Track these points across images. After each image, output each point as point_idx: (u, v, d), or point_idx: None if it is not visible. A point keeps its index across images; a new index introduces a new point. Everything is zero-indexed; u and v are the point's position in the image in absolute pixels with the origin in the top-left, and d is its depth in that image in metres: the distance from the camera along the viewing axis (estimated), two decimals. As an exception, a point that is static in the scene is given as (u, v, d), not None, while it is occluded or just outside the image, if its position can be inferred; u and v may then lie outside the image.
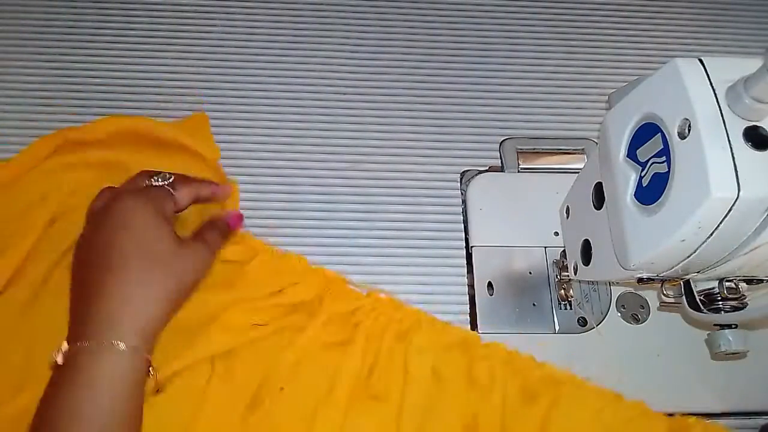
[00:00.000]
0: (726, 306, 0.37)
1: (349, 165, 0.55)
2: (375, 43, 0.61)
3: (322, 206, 0.53)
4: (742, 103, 0.30)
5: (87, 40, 0.58)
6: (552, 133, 0.58)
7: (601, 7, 0.65)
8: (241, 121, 0.56)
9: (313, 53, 0.60)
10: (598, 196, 0.41)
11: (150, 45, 0.59)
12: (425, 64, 0.60)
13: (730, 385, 0.48)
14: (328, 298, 0.47)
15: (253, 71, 0.58)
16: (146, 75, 0.57)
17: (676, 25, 0.64)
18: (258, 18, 0.61)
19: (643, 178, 0.35)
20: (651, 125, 0.34)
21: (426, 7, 0.63)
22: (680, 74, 0.32)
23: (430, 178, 0.55)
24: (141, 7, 0.60)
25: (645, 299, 0.50)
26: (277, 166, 0.55)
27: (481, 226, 0.52)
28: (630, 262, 0.36)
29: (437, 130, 0.57)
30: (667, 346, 0.49)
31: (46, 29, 0.58)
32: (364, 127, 0.57)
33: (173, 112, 0.56)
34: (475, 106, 0.59)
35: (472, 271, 0.51)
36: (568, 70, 0.61)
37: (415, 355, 0.45)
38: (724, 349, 0.39)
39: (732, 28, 0.65)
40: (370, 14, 0.62)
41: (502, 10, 0.64)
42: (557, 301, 0.50)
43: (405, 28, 0.62)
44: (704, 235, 0.31)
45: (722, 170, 0.29)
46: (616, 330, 0.49)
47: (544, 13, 0.64)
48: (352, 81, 0.59)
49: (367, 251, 0.52)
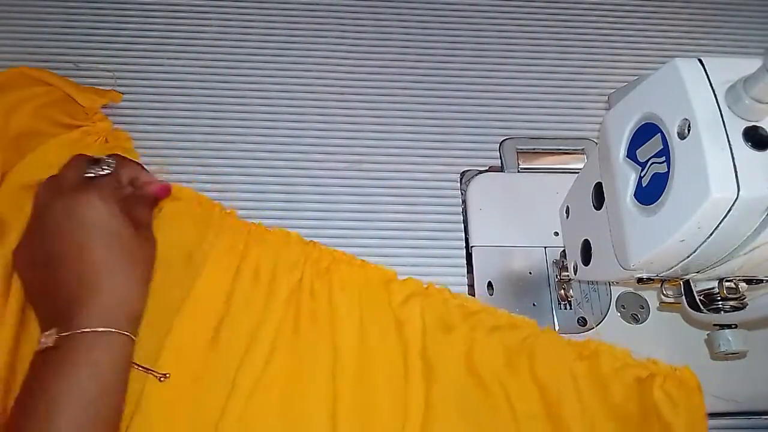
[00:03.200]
0: (726, 306, 0.37)
1: (347, 165, 0.55)
2: (371, 43, 0.61)
3: (321, 206, 0.53)
4: (742, 103, 0.30)
5: (81, 40, 0.58)
6: (552, 133, 0.58)
7: (598, 7, 0.65)
8: (237, 122, 0.56)
9: (308, 53, 0.60)
10: (597, 196, 0.41)
11: (144, 45, 0.59)
12: (422, 63, 0.60)
13: (730, 385, 0.48)
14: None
15: (248, 71, 0.58)
16: (140, 75, 0.57)
17: (673, 24, 0.64)
18: (253, 17, 0.61)
19: (642, 178, 0.35)
20: (651, 125, 0.34)
21: (422, 7, 0.63)
22: (680, 74, 0.32)
23: (429, 178, 0.55)
24: (134, 6, 0.60)
25: (645, 299, 0.50)
26: (275, 166, 0.55)
27: (481, 226, 0.52)
28: (630, 262, 0.36)
29: (437, 130, 0.57)
30: (667, 346, 0.48)
31: (40, 29, 0.58)
32: (363, 127, 0.57)
33: (168, 112, 0.56)
34: (475, 106, 0.59)
35: (472, 271, 0.51)
36: (568, 70, 0.61)
37: (338, 292, 0.47)
38: (724, 349, 0.39)
39: (728, 27, 0.65)
40: (366, 14, 0.62)
41: (498, 10, 0.64)
42: (557, 301, 0.50)
43: (401, 28, 0.62)
44: (704, 235, 0.31)
45: (722, 170, 0.29)
46: (616, 330, 0.49)
47: (541, 13, 0.64)
48: (349, 81, 0.59)
49: (367, 251, 0.52)
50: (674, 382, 0.44)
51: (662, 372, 0.45)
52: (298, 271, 0.48)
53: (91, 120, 0.52)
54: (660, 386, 0.44)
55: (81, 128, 0.52)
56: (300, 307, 0.47)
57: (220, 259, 0.47)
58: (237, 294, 0.47)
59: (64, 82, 0.53)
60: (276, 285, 0.47)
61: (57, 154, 0.49)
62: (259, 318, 0.46)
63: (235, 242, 0.48)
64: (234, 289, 0.47)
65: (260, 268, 0.48)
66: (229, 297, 0.46)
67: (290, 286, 0.47)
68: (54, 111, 0.52)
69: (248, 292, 0.47)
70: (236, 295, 0.47)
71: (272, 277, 0.47)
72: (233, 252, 0.48)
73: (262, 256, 0.48)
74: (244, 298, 0.47)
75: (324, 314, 0.47)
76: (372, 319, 0.47)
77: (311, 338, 0.46)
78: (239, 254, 0.48)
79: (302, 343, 0.46)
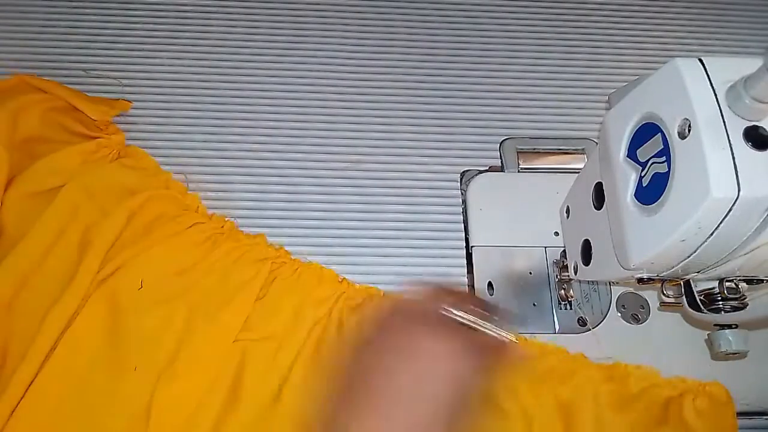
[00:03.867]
0: (726, 306, 0.37)
1: (349, 165, 0.55)
2: (375, 43, 0.61)
3: (323, 206, 0.53)
4: (742, 103, 0.30)
5: (87, 41, 0.58)
6: (552, 133, 0.58)
7: (602, 7, 0.65)
8: (241, 121, 0.56)
9: (313, 53, 0.60)
10: (598, 196, 0.41)
11: (150, 45, 0.59)
12: (425, 64, 0.60)
13: (730, 385, 0.47)
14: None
15: (252, 71, 0.59)
16: (146, 75, 0.57)
17: (677, 24, 0.64)
18: (258, 18, 0.61)
19: (643, 178, 0.35)
20: (651, 125, 0.34)
21: (426, 7, 0.63)
22: (680, 74, 0.32)
23: (430, 178, 0.55)
24: (141, 7, 0.60)
25: (645, 299, 0.50)
26: (278, 166, 0.55)
27: (481, 226, 0.52)
28: (630, 262, 0.35)
29: (438, 130, 0.57)
30: (667, 346, 0.48)
31: (47, 30, 0.58)
32: (365, 127, 0.57)
33: (173, 112, 0.56)
34: (476, 106, 0.59)
35: (472, 271, 0.51)
36: (568, 70, 0.61)
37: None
38: (724, 349, 0.39)
39: (732, 27, 0.65)
40: (371, 14, 0.62)
41: (502, 10, 0.64)
42: (557, 301, 0.50)
43: (405, 28, 0.62)
44: (704, 235, 0.31)
45: (722, 170, 0.29)
46: (616, 330, 0.49)
47: (544, 13, 0.64)
48: (353, 81, 0.59)
49: (368, 251, 0.52)
50: (705, 398, 0.44)
51: (691, 389, 0.44)
52: (326, 307, 0.47)
53: (105, 132, 0.52)
54: (691, 405, 0.43)
55: (96, 140, 0.51)
56: (324, 335, 0.46)
57: (249, 292, 0.47)
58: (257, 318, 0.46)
59: (73, 94, 0.52)
60: (302, 317, 0.46)
61: (68, 163, 0.49)
62: (281, 343, 0.45)
63: (262, 271, 0.48)
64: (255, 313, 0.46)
65: (286, 301, 0.47)
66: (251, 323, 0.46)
67: (316, 319, 0.46)
68: (64, 117, 0.51)
69: (269, 319, 0.46)
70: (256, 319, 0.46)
71: (299, 309, 0.47)
72: (257, 281, 0.47)
73: (290, 291, 0.47)
74: (265, 323, 0.46)
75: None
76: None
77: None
78: (263, 283, 0.47)
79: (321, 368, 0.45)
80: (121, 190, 0.49)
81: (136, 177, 0.50)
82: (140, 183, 0.50)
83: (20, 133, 0.49)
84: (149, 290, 0.46)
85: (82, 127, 0.51)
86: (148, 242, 0.47)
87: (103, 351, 0.44)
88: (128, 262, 0.46)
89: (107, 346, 0.44)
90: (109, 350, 0.44)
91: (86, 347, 0.44)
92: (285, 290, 0.47)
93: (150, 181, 0.50)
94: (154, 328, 0.45)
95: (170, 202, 0.50)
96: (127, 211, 0.48)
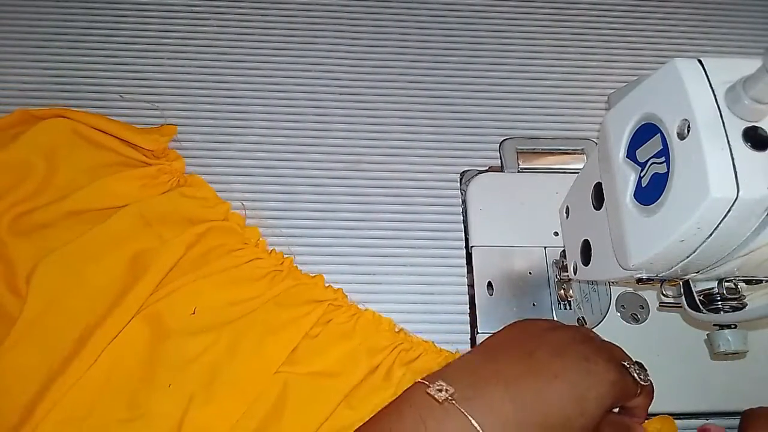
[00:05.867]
0: (725, 306, 0.37)
1: (345, 165, 0.55)
2: (369, 43, 0.61)
3: (319, 206, 0.53)
4: (742, 103, 0.30)
5: (76, 40, 0.58)
6: (552, 133, 0.58)
7: (594, 7, 0.65)
8: (234, 122, 0.56)
9: (305, 53, 0.60)
10: (597, 196, 0.41)
11: (140, 45, 0.59)
12: (420, 63, 0.60)
13: (730, 385, 0.48)
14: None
15: (245, 71, 0.58)
16: (136, 75, 0.57)
17: (670, 24, 0.65)
18: (249, 18, 0.61)
19: (642, 178, 0.35)
20: (650, 125, 0.34)
21: (419, 7, 0.63)
22: (679, 75, 0.32)
23: (429, 179, 0.55)
24: (130, 6, 0.60)
25: (645, 299, 0.50)
26: (272, 167, 0.55)
27: (480, 226, 0.52)
28: (629, 262, 0.35)
29: (437, 130, 0.57)
30: (667, 346, 0.48)
31: (35, 29, 0.58)
32: (361, 128, 0.57)
33: (165, 113, 0.56)
34: (475, 106, 0.59)
35: (471, 271, 0.51)
36: (565, 70, 0.61)
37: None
38: (724, 349, 0.39)
39: (725, 27, 0.65)
40: (363, 14, 0.62)
41: (494, 10, 0.64)
42: (557, 301, 0.50)
43: (398, 28, 0.62)
44: (703, 235, 0.31)
45: (721, 171, 0.29)
46: (616, 330, 0.49)
47: (537, 13, 0.64)
48: (346, 81, 0.59)
49: (366, 251, 0.52)
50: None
51: None
52: (381, 356, 0.46)
53: (166, 157, 0.52)
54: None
55: (156, 166, 0.51)
56: (370, 381, 0.45)
57: (299, 327, 0.46)
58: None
59: (123, 128, 0.51)
60: (354, 361, 0.46)
61: (128, 186, 0.49)
62: (328, 382, 0.45)
63: (316, 310, 0.47)
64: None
65: (339, 344, 0.46)
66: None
67: (370, 367, 0.46)
68: (118, 143, 0.51)
69: (318, 357, 0.46)
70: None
71: (352, 354, 0.46)
72: (310, 318, 0.47)
73: (345, 335, 0.47)
74: (313, 360, 0.46)
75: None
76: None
77: None
78: (316, 323, 0.47)
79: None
80: (180, 219, 0.49)
81: (196, 207, 0.50)
82: (200, 214, 0.50)
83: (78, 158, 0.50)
84: (199, 317, 0.46)
85: (140, 153, 0.52)
86: (204, 271, 0.47)
87: (141, 368, 0.44)
88: (181, 288, 0.46)
89: (145, 363, 0.44)
90: (146, 367, 0.44)
91: (125, 364, 0.44)
92: (340, 333, 0.47)
93: (209, 212, 0.50)
94: (196, 351, 0.45)
95: (230, 234, 0.49)
96: (186, 241, 0.47)
